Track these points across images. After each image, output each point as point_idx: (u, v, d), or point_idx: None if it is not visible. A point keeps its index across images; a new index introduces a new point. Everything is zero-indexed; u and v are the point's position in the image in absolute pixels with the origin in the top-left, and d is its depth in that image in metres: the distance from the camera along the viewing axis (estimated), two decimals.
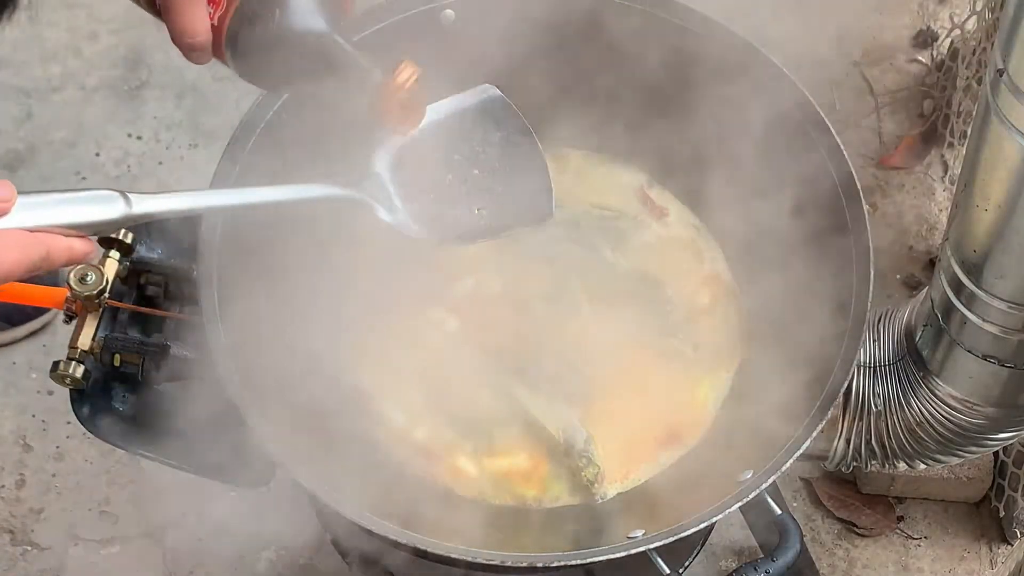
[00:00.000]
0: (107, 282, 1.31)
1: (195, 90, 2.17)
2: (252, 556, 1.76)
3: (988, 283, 1.18)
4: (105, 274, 1.31)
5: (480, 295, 1.47)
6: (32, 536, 1.78)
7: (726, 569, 1.77)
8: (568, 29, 1.45)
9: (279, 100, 1.37)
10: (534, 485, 1.38)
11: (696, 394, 1.43)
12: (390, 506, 1.28)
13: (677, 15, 1.42)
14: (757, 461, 1.24)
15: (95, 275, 1.30)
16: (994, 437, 1.35)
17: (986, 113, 1.07)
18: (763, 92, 1.39)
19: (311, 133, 1.42)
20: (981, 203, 1.12)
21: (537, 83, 1.47)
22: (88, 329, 1.32)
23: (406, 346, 1.44)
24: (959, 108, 2.06)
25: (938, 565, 1.80)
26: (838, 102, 2.17)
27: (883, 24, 2.28)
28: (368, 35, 1.41)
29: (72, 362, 1.30)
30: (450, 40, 1.45)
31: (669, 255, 1.51)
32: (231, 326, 1.27)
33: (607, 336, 1.44)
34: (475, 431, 1.40)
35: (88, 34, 2.22)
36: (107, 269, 1.33)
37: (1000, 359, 1.24)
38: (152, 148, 2.11)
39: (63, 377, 1.30)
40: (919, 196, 2.10)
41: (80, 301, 1.30)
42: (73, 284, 1.29)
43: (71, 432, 1.84)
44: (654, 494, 1.37)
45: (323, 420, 1.36)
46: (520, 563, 1.20)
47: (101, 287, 1.30)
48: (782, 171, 1.39)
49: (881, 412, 1.38)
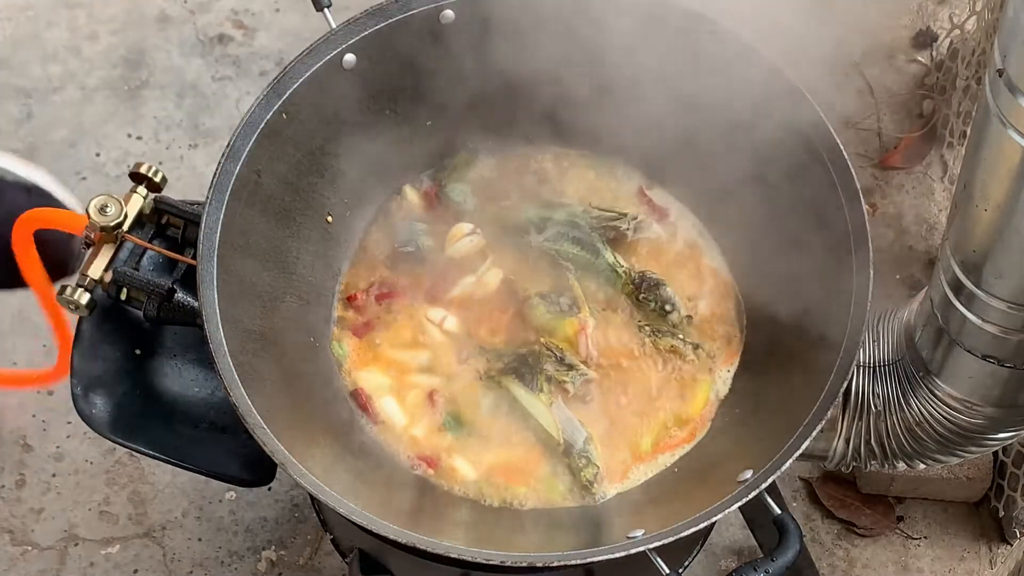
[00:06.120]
0: (125, 216, 1.31)
1: (195, 90, 2.17)
2: (252, 556, 1.76)
3: (988, 283, 1.18)
4: (124, 208, 1.31)
5: (480, 294, 1.47)
6: (32, 536, 1.78)
7: (726, 569, 1.77)
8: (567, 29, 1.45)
9: (279, 100, 1.37)
10: (534, 485, 1.38)
11: (696, 394, 1.43)
12: (390, 506, 1.29)
13: (677, 15, 1.42)
14: (757, 461, 1.24)
15: (115, 207, 1.30)
16: (994, 437, 1.35)
17: (986, 113, 1.07)
18: (763, 92, 1.39)
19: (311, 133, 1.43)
20: (981, 203, 1.12)
21: (537, 83, 1.47)
22: (102, 259, 1.33)
23: (406, 345, 1.44)
24: (959, 108, 2.06)
25: (938, 565, 1.80)
26: (838, 102, 2.17)
27: (883, 24, 2.28)
28: (368, 35, 1.41)
29: (79, 288, 1.31)
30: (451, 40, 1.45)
31: (669, 255, 1.51)
32: (231, 326, 1.27)
33: (607, 336, 1.45)
34: (474, 431, 1.40)
35: (88, 34, 2.22)
36: (131, 204, 1.34)
37: (1000, 359, 1.24)
38: (152, 148, 2.11)
39: (68, 302, 1.30)
40: (919, 196, 2.10)
41: (98, 232, 1.31)
42: (92, 213, 1.30)
43: (71, 432, 1.84)
44: (654, 494, 1.37)
45: (323, 420, 1.36)
46: (520, 563, 1.20)
47: (119, 220, 1.30)
48: (782, 171, 1.40)
49: (881, 412, 1.38)
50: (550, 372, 1.41)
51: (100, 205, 1.30)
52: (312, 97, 1.40)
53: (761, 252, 1.44)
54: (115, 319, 1.38)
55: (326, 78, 1.40)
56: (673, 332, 1.45)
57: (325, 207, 1.46)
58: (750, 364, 1.44)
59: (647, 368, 1.43)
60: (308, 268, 1.43)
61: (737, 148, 1.43)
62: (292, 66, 1.38)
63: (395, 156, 1.51)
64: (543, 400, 1.40)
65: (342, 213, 1.48)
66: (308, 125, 1.41)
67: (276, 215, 1.40)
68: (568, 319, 1.44)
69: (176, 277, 1.35)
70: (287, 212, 1.42)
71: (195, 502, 1.80)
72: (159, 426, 1.39)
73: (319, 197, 1.45)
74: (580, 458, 1.37)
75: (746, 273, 1.48)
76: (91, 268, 1.32)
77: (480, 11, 1.44)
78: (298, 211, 1.43)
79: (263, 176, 1.37)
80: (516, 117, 1.51)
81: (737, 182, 1.45)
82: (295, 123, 1.40)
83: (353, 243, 1.50)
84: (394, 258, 1.49)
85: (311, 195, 1.44)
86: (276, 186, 1.39)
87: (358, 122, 1.46)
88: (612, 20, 1.44)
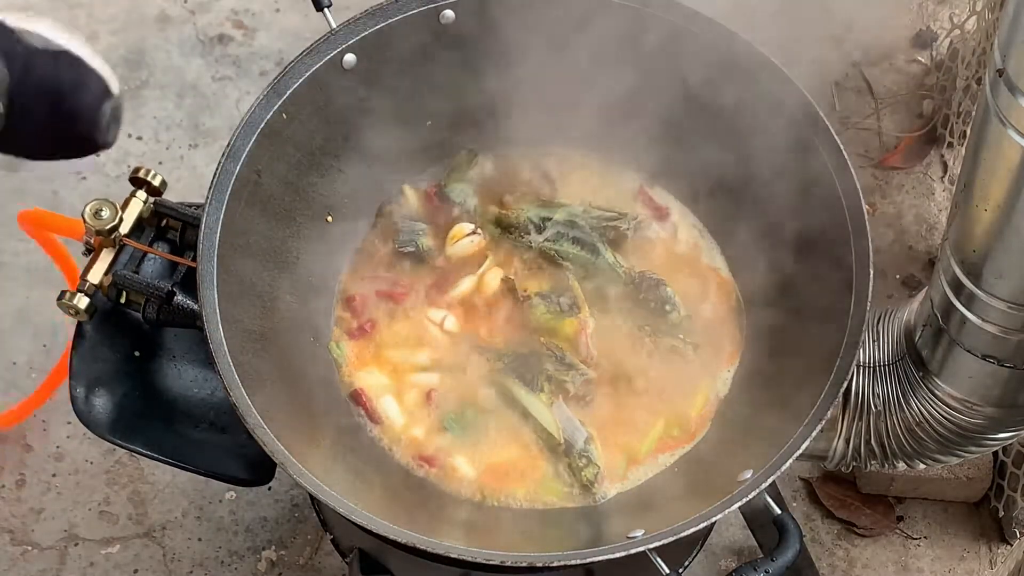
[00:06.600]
0: (121, 220, 1.30)
1: (195, 90, 2.17)
2: (252, 556, 1.76)
3: (988, 283, 1.18)
4: (120, 212, 1.31)
5: (480, 295, 1.47)
6: (32, 536, 1.78)
7: (726, 569, 1.77)
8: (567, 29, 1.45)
9: (279, 100, 1.37)
10: (534, 485, 1.38)
11: (696, 394, 1.43)
12: (390, 506, 1.29)
13: (677, 15, 1.42)
14: (757, 461, 1.24)
15: (109, 211, 1.30)
16: (994, 437, 1.35)
17: (986, 113, 1.07)
18: (763, 92, 1.39)
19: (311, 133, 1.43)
20: (981, 203, 1.12)
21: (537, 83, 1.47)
22: (101, 264, 1.32)
23: (405, 345, 1.44)
24: (959, 108, 2.06)
25: (938, 565, 1.80)
26: (838, 102, 2.17)
27: (883, 24, 2.28)
28: (368, 35, 1.41)
29: (79, 294, 1.30)
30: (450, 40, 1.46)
31: (669, 255, 1.51)
32: (231, 326, 1.27)
33: (607, 336, 1.45)
34: (474, 430, 1.40)
35: (88, 34, 2.22)
36: (131, 208, 1.33)
37: (1000, 359, 1.24)
38: (152, 148, 2.11)
39: (68, 307, 1.30)
40: (919, 196, 2.10)
41: (96, 236, 1.30)
42: (87, 218, 1.29)
43: (71, 432, 1.84)
44: (654, 494, 1.37)
45: (323, 420, 1.36)
46: (520, 563, 1.21)
47: (114, 223, 1.30)
48: (782, 171, 1.40)
49: (881, 412, 1.38)
50: (550, 372, 1.41)
51: (95, 209, 1.30)
52: (312, 97, 1.40)
53: (761, 252, 1.44)
54: (115, 321, 1.38)
55: (326, 78, 1.40)
56: (673, 332, 1.45)
57: (325, 207, 1.46)
58: (750, 364, 1.44)
59: (647, 368, 1.43)
60: (308, 268, 1.43)
61: (737, 148, 1.43)
62: (292, 66, 1.38)
63: (395, 156, 1.51)
64: (543, 400, 1.40)
65: (342, 213, 1.48)
66: (308, 125, 1.41)
67: (276, 215, 1.40)
68: (568, 319, 1.44)
69: (176, 280, 1.35)
70: (287, 212, 1.42)
71: (195, 502, 1.80)
72: (159, 427, 1.39)
73: (319, 197, 1.45)
74: (580, 458, 1.37)
75: (746, 273, 1.48)
76: (91, 273, 1.32)
77: (480, 11, 1.44)
78: (298, 211, 1.43)
79: (263, 176, 1.37)
80: (516, 117, 1.51)
81: (737, 182, 1.45)
82: (295, 123, 1.40)
83: (353, 243, 1.50)
84: (394, 258, 1.49)
85: (311, 195, 1.44)
86: (276, 186, 1.40)
87: (358, 122, 1.46)
88: (612, 20, 1.44)
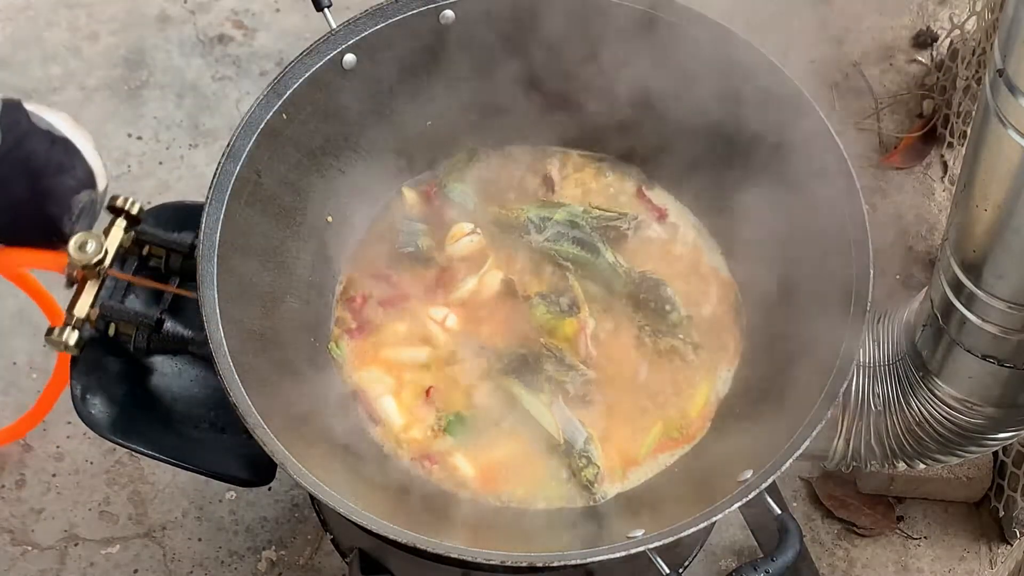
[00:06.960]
0: (106, 252, 1.29)
1: (195, 90, 2.17)
2: (252, 556, 1.76)
3: (987, 283, 1.18)
4: (105, 244, 1.29)
5: (480, 295, 1.47)
6: (32, 536, 1.78)
7: (726, 569, 1.77)
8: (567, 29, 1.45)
9: (279, 100, 1.37)
10: (534, 485, 1.38)
11: (696, 394, 1.43)
12: (390, 506, 1.28)
13: (677, 15, 1.42)
14: (757, 461, 1.24)
15: (95, 244, 1.28)
16: (994, 437, 1.35)
17: (986, 113, 1.07)
18: (763, 92, 1.39)
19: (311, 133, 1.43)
20: (981, 203, 1.12)
21: (536, 83, 1.47)
22: (87, 297, 1.30)
23: (405, 345, 1.44)
24: (959, 108, 2.06)
25: (938, 565, 1.80)
26: (838, 102, 2.17)
27: (883, 24, 2.28)
28: (368, 35, 1.41)
29: (67, 328, 1.29)
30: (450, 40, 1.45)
31: (669, 255, 1.51)
32: (231, 326, 1.27)
33: (607, 336, 1.45)
34: (474, 430, 1.40)
35: (88, 34, 2.22)
36: (111, 237, 1.32)
37: (1000, 359, 1.24)
38: (152, 148, 2.11)
39: (57, 344, 1.29)
40: (919, 196, 2.10)
41: (80, 269, 1.29)
42: (72, 252, 1.28)
43: (71, 432, 1.84)
44: (654, 494, 1.37)
45: (323, 420, 1.36)
46: (520, 563, 1.20)
47: (100, 256, 1.28)
48: (781, 171, 1.40)
49: (881, 412, 1.38)
50: (550, 372, 1.41)
51: (80, 243, 1.28)
52: (312, 97, 1.40)
53: (761, 252, 1.44)
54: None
55: (326, 78, 1.40)
56: (673, 332, 1.45)
57: (325, 207, 1.46)
58: (750, 364, 1.44)
59: (647, 368, 1.43)
60: (308, 268, 1.43)
61: (737, 148, 1.43)
62: (292, 66, 1.38)
63: (395, 156, 1.51)
64: (543, 400, 1.40)
65: (342, 213, 1.48)
66: (308, 125, 1.41)
67: (276, 215, 1.40)
68: (568, 319, 1.44)
69: (163, 307, 1.34)
70: (287, 212, 1.42)
71: (195, 502, 1.80)
72: (159, 426, 1.38)
73: (319, 197, 1.45)
74: (580, 458, 1.37)
75: (746, 273, 1.48)
76: (77, 307, 1.30)
77: (480, 11, 1.44)
78: (298, 211, 1.43)
79: (263, 176, 1.37)
80: (516, 117, 1.51)
81: (737, 182, 1.45)
82: (295, 123, 1.40)
83: (353, 243, 1.50)
84: (394, 258, 1.49)
85: (311, 195, 1.44)
86: (276, 186, 1.40)
87: (358, 122, 1.46)
88: (611, 21, 1.44)
